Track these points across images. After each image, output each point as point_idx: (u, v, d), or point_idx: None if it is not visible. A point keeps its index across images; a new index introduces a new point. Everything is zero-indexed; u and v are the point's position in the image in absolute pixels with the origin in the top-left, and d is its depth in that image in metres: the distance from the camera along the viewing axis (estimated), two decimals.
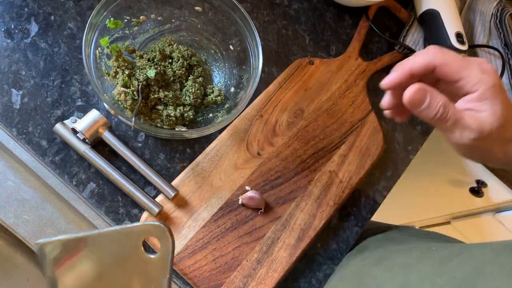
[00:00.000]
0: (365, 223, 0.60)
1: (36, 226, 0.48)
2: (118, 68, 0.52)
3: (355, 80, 0.64)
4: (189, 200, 0.52)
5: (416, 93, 0.36)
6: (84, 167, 0.51)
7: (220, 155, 0.54)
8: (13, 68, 0.52)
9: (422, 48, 0.71)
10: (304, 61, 0.62)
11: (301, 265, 0.55)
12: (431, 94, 0.36)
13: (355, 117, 0.62)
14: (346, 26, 0.70)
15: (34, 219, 0.49)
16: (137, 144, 0.54)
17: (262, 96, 0.59)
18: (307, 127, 0.59)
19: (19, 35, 0.54)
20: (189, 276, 0.49)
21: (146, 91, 0.52)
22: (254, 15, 0.65)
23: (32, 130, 0.51)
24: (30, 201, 0.49)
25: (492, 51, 0.70)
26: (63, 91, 0.53)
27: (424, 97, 0.36)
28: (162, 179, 0.51)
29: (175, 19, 0.57)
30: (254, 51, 0.54)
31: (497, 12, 0.69)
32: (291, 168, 0.56)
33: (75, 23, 0.56)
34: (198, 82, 0.55)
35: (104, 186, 0.51)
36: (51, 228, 0.49)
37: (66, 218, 0.50)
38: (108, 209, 0.50)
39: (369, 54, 0.69)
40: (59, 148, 0.51)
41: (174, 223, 0.50)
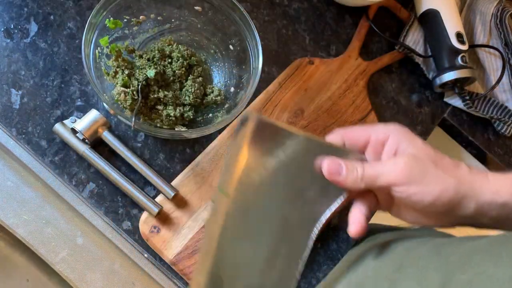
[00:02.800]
0: None
1: (36, 226, 0.48)
2: (117, 68, 0.52)
3: (355, 80, 0.64)
4: (189, 200, 0.52)
5: (330, 164, 0.37)
6: (84, 167, 0.51)
7: (220, 155, 0.54)
8: (13, 68, 0.52)
9: (422, 48, 0.71)
10: (304, 61, 0.62)
11: None
12: (344, 162, 0.37)
13: (355, 117, 0.62)
14: (346, 26, 0.69)
15: (34, 219, 0.49)
16: (137, 144, 0.54)
17: (262, 96, 0.59)
18: (307, 127, 0.59)
19: (19, 35, 0.54)
20: (189, 276, 0.49)
21: (145, 91, 0.52)
22: (254, 15, 0.64)
23: (32, 130, 0.51)
24: (30, 201, 0.49)
25: (492, 51, 0.70)
26: (62, 91, 0.53)
27: (340, 167, 0.37)
28: (162, 179, 0.50)
29: (175, 19, 0.57)
30: (254, 51, 0.54)
31: (497, 12, 0.69)
32: None
33: (75, 23, 0.56)
34: (198, 82, 0.55)
35: (104, 186, 0.51)
36: (51, 228, 0.49)
37: (66, 218, 0.50)
38: (107, 209, 0.50)
39: (369, 54, 0.69)
40: (58, 148, 0.51)
41: (174, 223, 0.50)
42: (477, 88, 0.71)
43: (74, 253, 0.49)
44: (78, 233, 0.49)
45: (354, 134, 0.40)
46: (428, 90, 0.71)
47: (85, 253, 0.49)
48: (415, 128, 0.67)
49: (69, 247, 0.49)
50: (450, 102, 0.70)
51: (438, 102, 0.71)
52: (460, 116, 0.71)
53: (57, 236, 0.49)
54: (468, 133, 0.70)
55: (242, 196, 0.37)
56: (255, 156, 0.37)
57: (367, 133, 0.39)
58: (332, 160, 0.38)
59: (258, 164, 0.37)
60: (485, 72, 0.71)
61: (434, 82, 0.68)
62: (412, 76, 0.71)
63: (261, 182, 0.37)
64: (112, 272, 0.49)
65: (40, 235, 0.48)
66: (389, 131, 0.38)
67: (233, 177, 0.36)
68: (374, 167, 0.37)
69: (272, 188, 0.38)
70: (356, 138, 0.40)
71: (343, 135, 0.40)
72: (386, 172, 0.36)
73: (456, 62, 0.65)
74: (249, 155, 0.37)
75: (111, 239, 0.50)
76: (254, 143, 0.37)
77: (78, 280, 0.48)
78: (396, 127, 0.39)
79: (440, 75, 0.66)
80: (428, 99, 0.70)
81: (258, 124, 0.37)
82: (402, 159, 0.36)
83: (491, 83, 0.70)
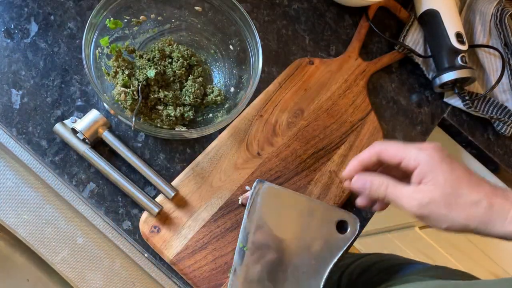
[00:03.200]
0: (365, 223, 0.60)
1: (36, 226, 0.48)
2: (118, 68, 0.52)
3: (355, 80, 0.64)
4: (189, 200, 0.52)
5: (356, 181, 0.45)
6: (84, 167, 0.51)
7: (220, 155, 0.54)
8: (13, 68, 0.52)
9: (422, 48, 0.71)
10: (304, 61, 0.62)
11: None
12: (371, 179, 0.44)
13: (355, 117, 0.62)
14: (346, 26, 0.69)
15: (34, 219, 0.49)
16: (137, 144, 0.54)
17: (262, 96, 0.59)
18: (307, 127, 0.59)
19: (19, 35, 0.54)
20: (189, 276, 0.49)
21: (146, 91, 0.52)
22: (254, 15, 0.65)
23: (32, 130, 0.51)
24: (30, 201, 0.49)
25: (492, 51, 0.70)
26: (63, 91, 0.53)
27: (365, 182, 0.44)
28: (162, 179, 0.51)
29: (175, 19, 0.57)
30: (254, 51, 0.54)
31: (497, 12, 0.69)
32: (291, 168, 0.56)
33: (75, 23, 0.56)
34: (198, 82, 0.55)
35: (104, 186, 0.51)
36: (51, 228, 0.49)
37: (66, 218, 0.50)
38: (108, 209, 0.50)
39: (369, 54, 0.69)
40: (59, 148, 0.51)
41: (174, 223, 0.50)
42: (477, 88, 0.71)
43: (74, 253, 0.49)
44: (78, 233, 0.49)
45: (389, 153, 0.44)
46: (428, 90, 0.71)
47: (85, 253, 0.49)
48: (414, 128, 0.68)
49: (69, 247, 0.49)
50: (449, 102, 0.70)
51: (437, 102, 0.71)
52: (459, 116, 0.71)
53: (57, 236, 0.49)
54: (468, 133, 0.70)
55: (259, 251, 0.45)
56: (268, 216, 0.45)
57: (400, 157, 0.43)
58: (358, 176, 0.45)
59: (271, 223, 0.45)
60: (485, 72, 0.71)
61: (434, 82, 0.68)
62: (412, 76, 0.71)
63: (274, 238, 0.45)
64: (112, 272, 0.49)
65: (40, 235, 0.48)
66: (419, 160, 0.42)
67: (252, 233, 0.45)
68: (394, 193, 0.43)
69: (284, 243, 0.45)
70: (390, 158, 0.44)
71: (379, 153, 0.44)
72: (403, 202, 0.42)
73: (456, 62, 0.65)
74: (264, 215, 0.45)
75: (111, 239, 0.50)
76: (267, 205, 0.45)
77: (78, 280, 0.48)
78: (428, 156, 0.42)
79: (440, 75, 0.66)
80: (428, 99, 0.70)
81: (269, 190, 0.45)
82: (417, 197, 0.41)
83: (491, 83, 0.70)
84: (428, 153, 0.42)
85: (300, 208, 0.46)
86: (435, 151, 0.42)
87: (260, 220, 0.45)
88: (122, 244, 0.50)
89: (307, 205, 0.46)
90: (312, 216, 0.46)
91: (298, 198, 0.46)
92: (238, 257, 0.45)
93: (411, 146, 0.43)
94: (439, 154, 0.42)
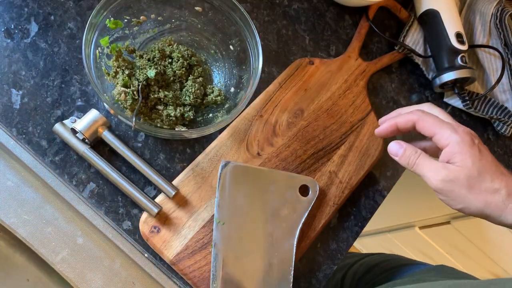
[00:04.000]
0: (365, 223, 0.60)
1: (36, 226, 0.48)
2: (118, 68, 0.52)
3: (355, 80, 0.64)
4: (189, 200, 0.52)
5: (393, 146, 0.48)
6: (84, 167, 0.51)
7: (220, 155, 0.54)
8: (13, 68, 0.52)
9: (422, 48, 0.71)
10: (304, 61, 0.62)
11: (301, 265, 0.55)
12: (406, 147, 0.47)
13: (355, 117, 0.62)
14: (346, 26, 0.70)
15: (34, 219, 0.49)
16: (137, 144, 0.54)
17: (262, 96, 0.59)
18: (307, 127, 0.59)
19: (19, 35, 0.54)
20: (189, 276, 0.49)
21: (146, 91, 0.52)
22: (254, 15, 0.65)
23: (32, 130, 0.51)
24: (30, 201, 0.49)
25: (492, 51, 0.70)
26: (63, 91, 0.53)
27: (399, 149, 0.47)
28: (162, 178, 0.50)
29: (175, 19, 0.57)
30: (254, 51, 0.54)
31: (497, 12, 0.69)
32: (291, 169, 0.56)
33: (75, 23, 0.56)
34: (198, 82, 0.55)
35: (104, 186, 0.51)
36: (51, 228, 0.49)
37: (66, 218, 0.50)
38: (108, 209, 0.50)
39: (369, 54, 0.69)
40: (59, 148, 0.51)
41: (174, 223, 0.50)
42: (477, 88, 0.71)
43: (74, 253, 0.49)
44: (79, 233, 0.49)
45: (425, 125, 0.46)
46: (428, 90, 0.71)
47: (85, 253, 0.49)
48: None
49: (70, 247, 0.49)
50: (449, 102, 0.70)
51: (437, 102, 0.71)
52: (459, 116, 0.71)
53: (57, 236, 0.49)
54: None
55: (234, 223, 0.49)
56: (237, 191, 0.50)
57: (434, 132, 0.45)
58: (395, 143, 0.48)
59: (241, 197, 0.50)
60: (485, 72, 0.71)
61: (433, 82, 0.68)
62: (412, 76, 0.71)
63: (245, 209, 0.49)
64: (112, 272, 0.49)
65: (41, 235, 0.48)
66: (451, 140, 0.44)
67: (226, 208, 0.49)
68: (422, 165, 0.45)
69: (255, 213, 0.50)
70: (425, 130, 0.46)
71: (417, 121, 0.46)
72: (427, 176, 0.44)
73: (456, 62, 0.65)
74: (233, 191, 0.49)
75: (111, 239, 0.50)
76: (235, 182, 0.50)
77: (78, 280, 0.48)
78: (460, 138, 0.43)
79: (439, 75, 0.66)
80: (427, 99, 0.70)
81: (234, 168, 0.50)
82: (442, 173, 0.43)
83: (491, 83, 0.70)
84: (461, 135, 0.44)
85: (265, 180, 0.51)
86: (467, 134, 0.44)
87: (231, 196, 0.49)
88: (122, 244, 0.50)
89: (271, 176, 0.51)
90: (277, 185, 0.51)
91: (262, 171, 0.51)
92: (216, 232, 0.48)
93: (446, 125, 0.45)
94: (470, 139, 0.44)
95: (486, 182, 0.42)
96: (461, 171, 0.43)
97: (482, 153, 0.44)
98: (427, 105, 0.49)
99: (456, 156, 0.43)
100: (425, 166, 0.45)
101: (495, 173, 0.43)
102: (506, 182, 0.43)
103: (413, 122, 0.46)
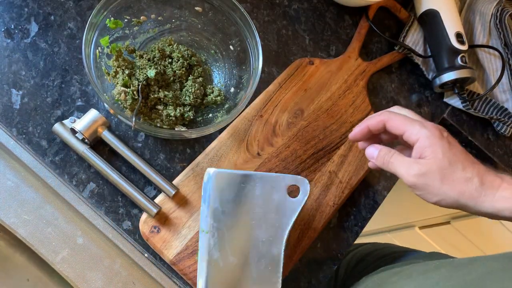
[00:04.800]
0: (365, 223, 0.60)
1: (36, 226, 0.48)
2: (118, 68, 0.52)
3: (355, 80, 0.64)
4: (189, 200, 0.52)
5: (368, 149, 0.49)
6: (84, 167, 0.51)
7: (220, 155, 0.54)
8: (13, 68, 0.52)
9: (422, 48, 0.71)
10: (304, 61, 0.62)
11: (301, 265, 0.55)
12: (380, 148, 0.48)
13: (355, 117, 0.62)
14: (346, 26, 0.70)
15: (34, 219, 0.49)
16: (137, 144, 0.54)
17: (262, 96, 0.59)
18: (307, 127, 0.59)
19: (19, 35, 0.54)
20: (189, 276, 0.49)
21: (146, 91, 0.52)
22: (254, 15, 0.65)
23: (32, 130, 0.51)
24: (30, 201, 0.49)
25: (492, 51, 0.70)
26: (63, 91, 0.53)
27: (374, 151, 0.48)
28: (163, 177, 0.50)
29: (175, 19, 0.57)
30: (254, 51, 0.54)
31: (497, 12, 0.69)
32: (291, 169, 0.56)
33: (75, 23, 0.56)
34: (198, 82, 0.55)
35: (104, 186, 0.51)
36: (51, 228, 0.49)
37: (66, 218, 0.50)
38: (108, 209, 0.50)
39: (369, 54, 0.69)
40: (59, 148, 0.51)
41: (174, 223, 0.50)
42: (477, 88, 0.71)
43: (74, 253, 0.49)
44: (79, 233, 0.49)
45: (394, 124, 0.46)
46: (428, 90, 0.71)
47: (85, 253, 0.49)
48: None
49: (70, 247, 0.49)
50: (449, 102, 0.70)
51: (437, 102, 0.71)
52: (459, 116, 0.71)
53: (57, 236, 0.49)
54: (467, 133, 0.70)
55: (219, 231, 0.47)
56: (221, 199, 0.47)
57: (403, 129, 0.46)
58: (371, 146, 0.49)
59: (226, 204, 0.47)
60: (485, 72, 0.71)
61: (433, 82, 0.68)
62: (411, 76, 0.71)
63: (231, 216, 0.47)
64: (112, 272, 0.49)
65: (41, 235, 0.48)
66: (421, 135, 0.44)
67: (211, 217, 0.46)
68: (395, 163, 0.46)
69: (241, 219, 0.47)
70: (395, 129, 0.47)
71: (386, 121, 0.47)
72: (401, 173, 0.45)
73: (456, 63, 0.65)
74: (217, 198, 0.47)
75: (112, 239, 0.50)
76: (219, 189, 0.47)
77: (79, 280, 0.48)
78: (429, 132, 0.44)
79: (439, 75, 0.66)
80: (427, 99, 0.70)
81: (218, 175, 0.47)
82: (415, 168, 0.44)
83: (491, 83, 0.70)
84: (429, 129, 0.44)
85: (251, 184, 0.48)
86: (436, 128, 0.45)
87: (216, 204, 0.47)
88: (122, 244, 0.50)
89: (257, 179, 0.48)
90: (263, 188, 0.48)
91: (247, 175, 0.48)
92: (201, 242, 0.47)
93: (415, 122, 0.45)
94: (439, 133, 0.44)
95: (458, 172, 0.43)
96: (433, 163, 0.43)
97: (452, 144, 0.44)
98: (396, 107, 0.50)
99: (427, 149, 0.44)
100: (398, 164, 0.45)
101: (466, 162, 0.43)
102: (478, 170, 0.43)
103: (383, 122, 0.47)
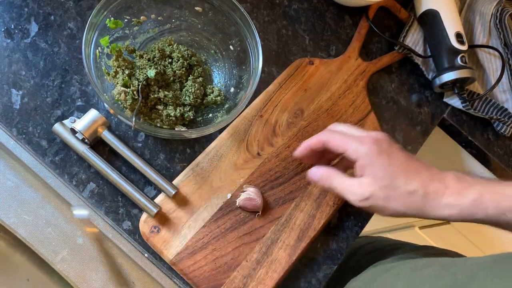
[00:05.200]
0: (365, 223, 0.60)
1: (36, 226, 0.48)
2: (118, 68, 0.52)
3: (355, 80, 0.64)
4: (189, 200, 0.52)
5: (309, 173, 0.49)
6: (84, 167, 0.51)
7: (220, 155, 0.54)
8: (13, 68, 0.52)
9: (421, 48, 0.71)
10: (304, 61, 0.62)
11: (301, 265, 0.55)
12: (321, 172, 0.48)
13: (355, 117, 0.62)
14: (346, 26, 0.70)
15: (34, 219, 0.49)
16: (137, 144, 0.54)
17: (262, 96, 0.59)
18: (307, 127, 0.59)
19: (19, 35, 0.54)
20: (189, 276, 0.49)
21: (146, 91, 0.52)
22: (254, 15, 0.65)
23: (32, 130, 0.51)
24: (30, 201, 0.49)
25: (492, 51, 0.70)
26: (63, 91, 0.53)
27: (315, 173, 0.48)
28: (163, 177, 0.50)
29: (175, 19, 0.57)
30: (254, 51, 0.54)
31: (497, 12, 0.69)
32: (291, 169, 0.56)
33: (75, 23, 0.56)
34: (198, 82, 0.55)
35: (104, 186, 0.51)
36: (51, 228, 0.49)
37: (66, 218, 0.50)
38: (108, 209, 0.50)
39: (369, 54, 0.69)
40: (59, 148, 0.51)
41: (174, 223, 0.50)
42: (477, 88, 0.71)
43: (74, 253, 0.49)
44: (78, 233, 0.49)
45: (333, 144, 0.46)
46: (428, 90, 0.71)
47: (85, 253, 0.49)
48: (414, 128, 0.68)
49: (70, 247, 0.49)
50: (449, 103, 0.70)
51: (437, 102, 0.71)
52: (459, 116, 0.71)
53: (57, 236, 0.49)
54: (467, 133, 0.70)
55: None
56: None
57: (343, 148, 0.45)
58: (314, 167, 0.49)
59: None
60: (485, 72, 0.71)
61: (433, 82, 0.68)
62: (411, 76, 0.71)
63: None
64: (112, 272, 0.49)
65: (41, 235, 0.48)
66: (359, 153, 0.44)
67: None
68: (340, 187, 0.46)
69: None
70: (334, 148, 0.46)
71: (325, 142, 0.47)
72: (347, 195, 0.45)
73: (456, 63, 0.65)
74: None
75: (111, 239, 0.50)
76: None
77: (78, 280, 0.48)
78: (367, 149, 0.44)
79: (439, 75, 0.66)
80: (427, 99, 0.70)
81: None
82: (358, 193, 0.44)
83: (491, 83, 0.70)
84: (367, 146, 0.44)
85: None
86: (374, 144, 0.44)
87: None
88: (122, 244, 0.50)
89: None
90: None
91: None
92: None
93: (353, 139, 0.45)
94: (377, 147, 0.44)
95: (401, 187, 0.43)
96: (375, 183, 0.43)
97: (392, 157, 0.44)
98: (332, 125, 0.50)
99: (367, 168, 0.44)
100: (343, 188, 0.45)
101: (409, 173, 0.43)
102: (422, 180, 0.43)
103: (323, 142, 0.47)
